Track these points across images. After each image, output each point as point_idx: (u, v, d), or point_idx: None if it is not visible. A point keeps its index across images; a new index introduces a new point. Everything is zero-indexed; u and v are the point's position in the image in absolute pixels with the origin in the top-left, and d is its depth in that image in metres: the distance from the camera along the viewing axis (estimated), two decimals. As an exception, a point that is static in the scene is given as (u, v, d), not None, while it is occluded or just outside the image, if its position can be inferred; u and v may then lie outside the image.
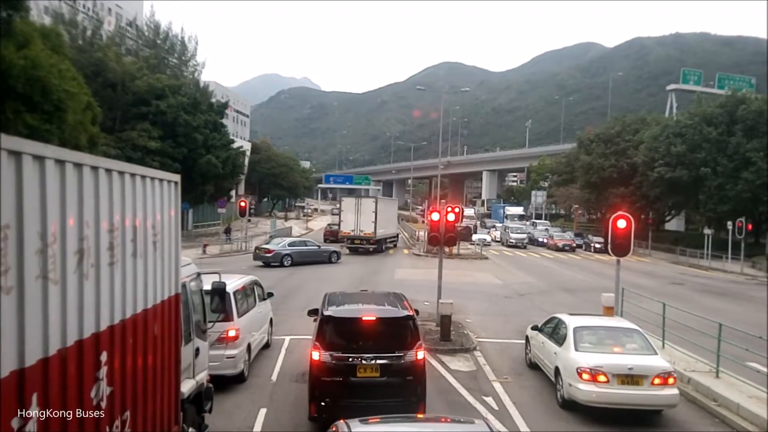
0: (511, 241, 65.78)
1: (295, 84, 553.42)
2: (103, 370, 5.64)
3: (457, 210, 38.15)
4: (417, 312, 13.64)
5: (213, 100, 71.81)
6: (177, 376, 8.41)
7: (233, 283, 15.40)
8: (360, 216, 50.36)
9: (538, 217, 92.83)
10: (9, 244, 4.05)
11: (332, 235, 57.34)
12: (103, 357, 5.63)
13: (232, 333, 14.40)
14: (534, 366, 16.84)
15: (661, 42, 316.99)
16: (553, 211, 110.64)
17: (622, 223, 18.80)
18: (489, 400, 14.29)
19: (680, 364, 15.76)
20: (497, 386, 15.38)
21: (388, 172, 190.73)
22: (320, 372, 11.55)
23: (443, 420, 9.13)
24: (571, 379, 13.24)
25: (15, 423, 4.20)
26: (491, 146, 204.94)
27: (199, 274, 10.55)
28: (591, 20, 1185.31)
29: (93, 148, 33.50)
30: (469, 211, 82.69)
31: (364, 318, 12.13)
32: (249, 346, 15.64)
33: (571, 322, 14.89)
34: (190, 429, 9.53)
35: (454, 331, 19.83)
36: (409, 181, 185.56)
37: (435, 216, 21.72)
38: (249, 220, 54.24)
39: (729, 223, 48.07)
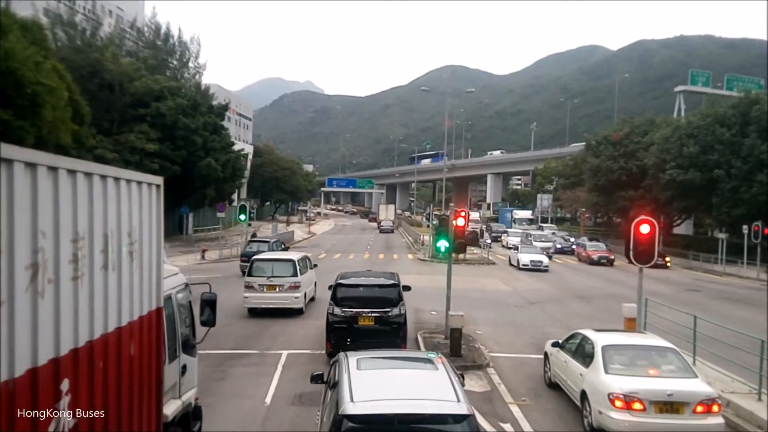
0: (526, 264, 44.95)
1: (298, 88, 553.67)
2: (65, 401, 4.97)
3: (463, 214, 38.37)
4: (408, 287, 19.81)
5: (214, 102, 70.42)
6: (159, 398, 7.74)
7: (295, 256, 26.37)
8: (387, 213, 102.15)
9: (544, 220, 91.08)
10: None
11: (374, 221, 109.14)
12: (65, 385, 4.96)
13: (296, 284, 24.14)
14: (554, 386, 15.36)
15: (666, 44, 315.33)
16: (558, 215, 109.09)
17: (645, 228, 17.35)
18: (507, 427, 12.86)
19: (716, 385, 14.16)
20: (515, 410, 13.93)
21: (391, 175, 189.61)
22: (333, 320, 17.33)
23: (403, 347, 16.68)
24: (600, 406, 11.78)
25: None
26: (495, 150, 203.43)
27: (187, 285, 10.05)
28: (594, 23, 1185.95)
29: (80, 148, 32.03)
30: (474, 215, 79.81)
31: (362, 284, 18.29)
32: (305, 294, 25.06)
33: (599, 339, 13.40)
34: None
35: (464, 344, 18.36)
36: (413, 185, 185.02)
37: (461, 221, 20.15)
38: (249, 224, 52.92)
39: (744, 227, 46.52)
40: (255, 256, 27.26)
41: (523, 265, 44.47)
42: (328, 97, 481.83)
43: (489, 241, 61.70)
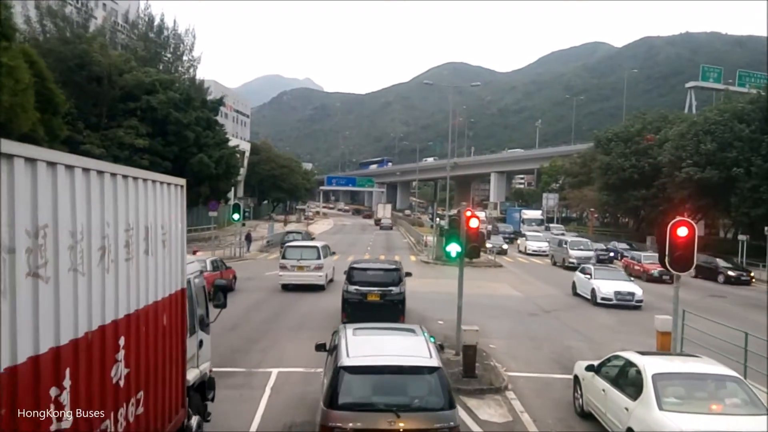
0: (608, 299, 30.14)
1: (297, 85, 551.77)
2: (122, 353, 6.45)
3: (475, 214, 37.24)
4: (409, 273, 25.07)
5: (209, 97, 67.97)
6: (183, 363, 9.05)
7: (319, 244, 33.50)
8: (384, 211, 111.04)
9: (550, 220, 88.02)
10: (47, 241, 4.84)
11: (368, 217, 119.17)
12: (122, 341, 6.46)
13: (320, 266, 30.80)
14: (588, 415, 12.97)
15: (671, 41, 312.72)
16: (564, 215, 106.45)
17: (683, 231, 15.13)
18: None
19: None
20: (545, 447, 11.52)
21: (392, 173, 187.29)
22: (348, 296, 21.72)
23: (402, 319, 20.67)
24: (654, 449, 9.38)
25: (53, 392, 5.02)
26: (497, 148, 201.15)
27: (201, 272, 11.82)
28: (598, 20, 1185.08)
29: (54, 140, 29.37)
30: (480, 215, 75.38)
31: (371, 268, 23.36)
32: (326, 274, 31.64)
33: (648, 366, 10.93)
34: (195, 416, 10.13)
35: (478, 362, 15.90)
36: (413, 183, 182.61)
37: (474, 222, 17.75)
38: (243, 224, 50.56)
39: (767, 228, 43.92)
40: (287, 244, 35.54)
41: (604, 298, 29.29)
42: (328, 95, 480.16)
43: (505, 246, 57.59)
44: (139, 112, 51.40)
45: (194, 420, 10.03)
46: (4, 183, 4.26)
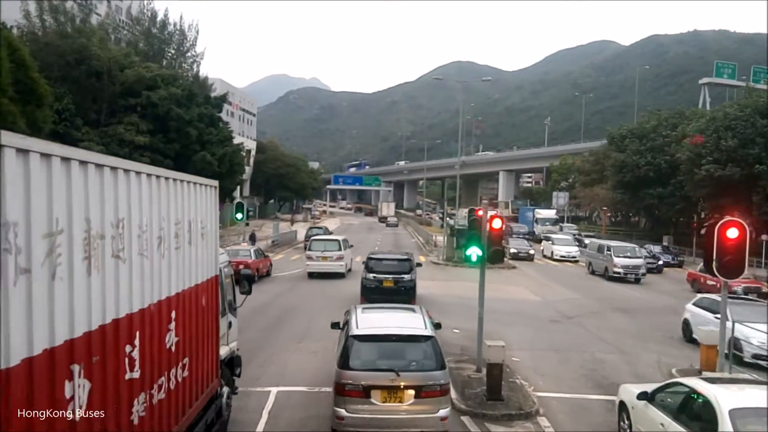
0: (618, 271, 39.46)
1: (303, 84, 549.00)
2: (173, 324, 7.70)
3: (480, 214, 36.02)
4: (420, 264, 30.74)
5: (212, 94, 66.26)
6: (217, 339, 10.30)
7: (340, 237, 39.72)
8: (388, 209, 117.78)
9: (560, 220, 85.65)
10: (124, 231, 6.06)
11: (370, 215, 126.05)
12: (173, 315, 7.71)
13: (341, 256, 35.47)
14: (638, 450, 11.12)
15: (679, 40, 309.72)
16: (573, 214, 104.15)
17: (732, 233, 13.57)
18: None
19: None
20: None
21: (399, 172, 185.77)
22: (366, 282, 25.52)
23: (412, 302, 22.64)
24: None
25: (127, 349, 6.19)
26: (504, 147, 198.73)
27: (229, 262, 12.85)
28: (606, 18, 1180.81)
29: (38, 133, 27.45)
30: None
31: (386, 258, 27.32)
32: (346, 264, 36.10)
33: (721, 398, 8.94)
34: (225, 387, 11.41)
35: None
36: (421, 182, 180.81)
37: (497, 223, 15.87)
38: (247, 224, 48.81)
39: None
40: (312, 237, 43.39)
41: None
42: (334, 94, 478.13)
43: (531, 251, 51.88)
44: (139, 108, 49.93)
45: (225, 390, 11.36)
46: (96, 187, 5.49)
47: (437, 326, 12.96)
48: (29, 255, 4.40)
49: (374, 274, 25.60)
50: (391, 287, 25.06)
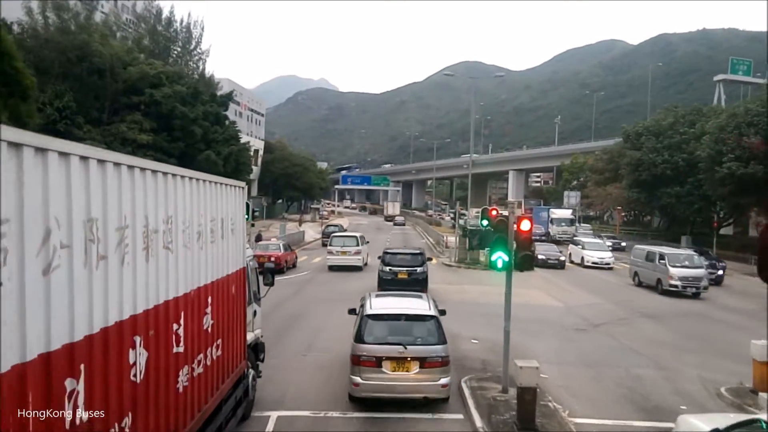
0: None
1: (312, 85, 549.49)
2: (209, 308, 8.56)
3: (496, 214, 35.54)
4: (430, 258, 33.16)
5: (218, 92, 64.92)
6: (245, 324, 11.24)
7: (357, 234, 42.35)
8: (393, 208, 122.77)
9: (576, 220, 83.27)
10: (172, 226, 6.99)
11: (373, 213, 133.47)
12: (209, 300, 8.57)
13: (359, 251, 38.84)
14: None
15: (688, 38, 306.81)
16: (584, 214, 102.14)
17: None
18: None
19: None
20: None
21: (407, 172, 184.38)
22: (382, 275, 28.69)
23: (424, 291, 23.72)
24: None
25: (174, 327, 7.09)
26: (512, 146, 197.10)
27: (253, 257, 14.27)
28: (614, 18, 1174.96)
29: (22, 127, 25.99)
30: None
31: (400, 252, 30.69)
32: (363, 258, 39.47)
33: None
34: (251, 370, 12.36)
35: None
36: (429, 182, 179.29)
37: (526, 224, 14.07)
38: (253, 225, 47.32)
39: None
40: (333, 234, 46.43)
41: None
42: (342, 94, 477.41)
43: (562, 257, 45.31)
44: (143, 106, 48.89)
45: (251, 372, 12.22)
46: (152, 190, 6.49)
47: (442, 312, 14.64)
48: (106, 244, 5.35)
49: (390, 267, 28.95)
50: (405, 278, 28.05)
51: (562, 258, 44.98)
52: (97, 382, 5.13)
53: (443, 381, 12.58)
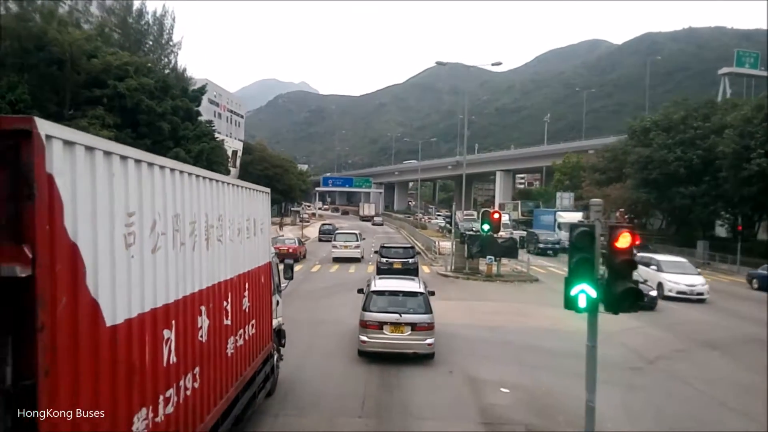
0: None
1: (293, 88, 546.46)
2: (247, 293, 10.08)
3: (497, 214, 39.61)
4: (419, 253, 46.24)
5: (192, 88, 60.11)
6: (271, 310, 12.96)
7: (357, 231, 54.72)
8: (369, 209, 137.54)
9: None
10: (222, 223, 8.54)
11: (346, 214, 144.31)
12: (247, 285, 10.06)
13: (358, 245, 48.49)
14: None
15: (674, 37, 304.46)
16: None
17: None
18: None
19: None
20: None
21: (389, 174, 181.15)
22: (380, 265, 36.15)
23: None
24: None
25: (224, 304, 8.64)
26: (495, 147, 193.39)
27: (275, 254, 15.06)
28: (597, 17, 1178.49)
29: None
30: (504, 218, 54.29)
31: (394, 246, 39.97)
32: (361, 251, 48.61)
33: None
34: (276, 352, 14.10)
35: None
36: (411, 184, 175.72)
37: (625, 240, 8.66)
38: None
39: None
40: (336, 231, 57.31)
41: None
42: (323, 97, 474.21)
43: (653, 291, 29.30)
44: (105, 99, 44.26)
45: (275, 354, 14.11)
46: (211, 194, 8.15)
47: (431, 293, 18.83)
48: (184, 234, 7.02)
49: (386, 259, 36.52)
50: (399, 268, 35.09)
51: (653, 293, 29.04)
52: (180, 335, 6.79)
53: (429, 341, 16.78)
